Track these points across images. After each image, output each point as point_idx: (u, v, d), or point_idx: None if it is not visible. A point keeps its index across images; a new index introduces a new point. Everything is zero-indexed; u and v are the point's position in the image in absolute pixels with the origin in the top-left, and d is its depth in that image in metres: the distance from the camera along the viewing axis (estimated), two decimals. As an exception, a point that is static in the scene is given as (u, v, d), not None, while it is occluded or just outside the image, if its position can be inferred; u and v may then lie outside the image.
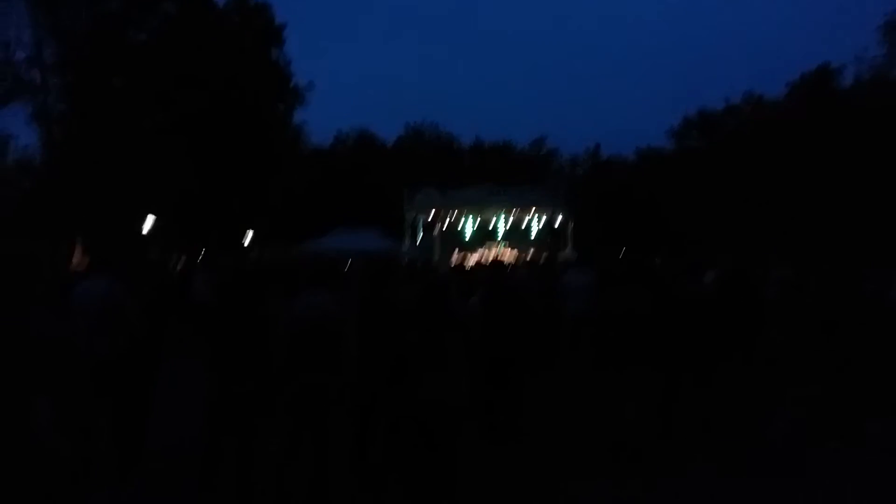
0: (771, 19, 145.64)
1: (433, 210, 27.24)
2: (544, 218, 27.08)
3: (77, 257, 21.20)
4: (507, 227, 27.10)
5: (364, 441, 5.43)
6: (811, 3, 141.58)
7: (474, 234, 27.28)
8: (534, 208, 26.68)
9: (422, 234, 28.75)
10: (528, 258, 21.81)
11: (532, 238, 27.16)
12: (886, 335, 8.52)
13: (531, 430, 6.56)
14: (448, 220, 28.27)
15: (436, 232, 27.86)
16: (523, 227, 27.68)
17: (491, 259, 19.52)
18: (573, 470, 5.79)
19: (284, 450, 4.89)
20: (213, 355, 4.89)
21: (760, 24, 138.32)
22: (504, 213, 26.82)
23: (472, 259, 22.21)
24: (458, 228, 27.80)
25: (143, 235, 25.06)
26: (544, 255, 22.24)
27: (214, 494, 4.76)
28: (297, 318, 4.90)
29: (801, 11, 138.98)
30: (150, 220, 25.24)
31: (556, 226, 26.76)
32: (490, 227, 27.56)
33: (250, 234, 33.49)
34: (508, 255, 23.67)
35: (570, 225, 26.21)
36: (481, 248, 25.60)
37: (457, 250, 25.44)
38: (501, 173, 40.65)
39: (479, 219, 27.55)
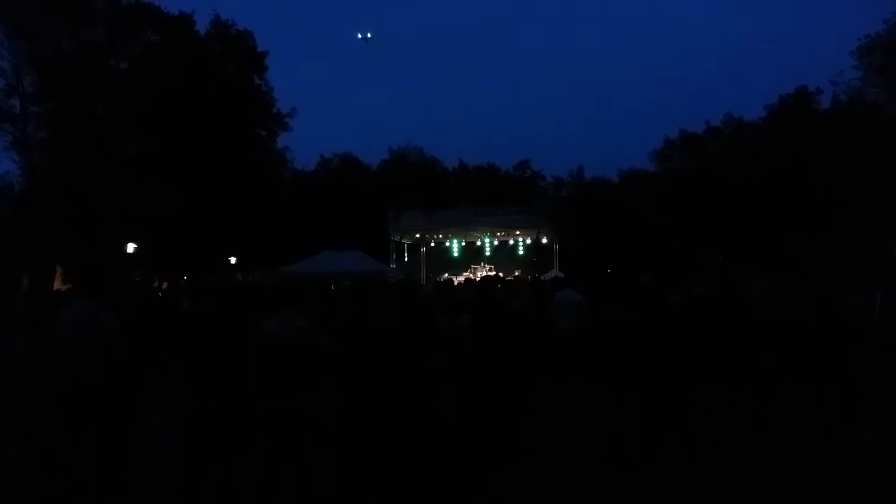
0: (749, 43, 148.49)
1: (418, 232, 27.23)
2: (529, 239, 27.14)
3: (58, 282, 20.94)
4: (493, 249, 27.11)
5: (351, 465, 5.33)
6: (787, 28, 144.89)
7: (459, 255, 27.25)
8: (519, 230, 26.74)
9: (407, 256, 28.69)
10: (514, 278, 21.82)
11: (517, 259, 27.19)
12: (869, 349, 8.54)
13: (524, 447, 6.49)
14: (433, 241, 28.26)
15: (421, 254, 27.82)
16: (508, 248, 27.72)
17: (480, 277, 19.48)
18: (565, 486, 5.73)
19: (261, 477, 4.74)
20: (187, 373, 4.79)
21: (739, 47, 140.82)
22: (489, 235, 26.84)
23: (458, 281, 22.16)
24: (443, 250, 27.78)
25: (126, 260, 24.82)
26: (531, 276, 22.24)
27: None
28: (267, 336, 4.75)
29: (778, 35, 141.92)
30: (131, 245, 25.06)
31: (542, 247, 26.82)
32: (475, 249, 27.57)
33: (234, 258, 33.32)
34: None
35: (556, 246, 26.28)
36: (466, 269, 25.57)
37: (445, 273, 25.39)
38: (486, 195, 40.73)
39: (463, 240, 27.55)
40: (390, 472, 5.15)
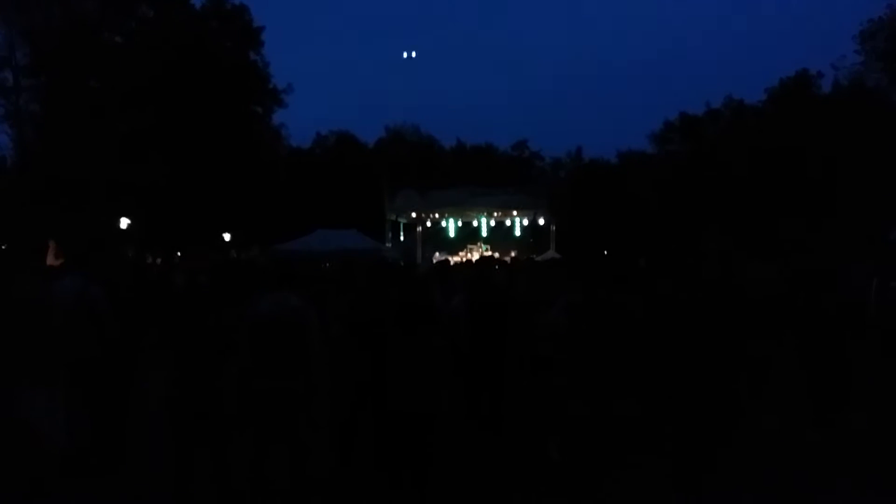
0: (750, 26, 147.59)
1: (414, 212, 27.05)
2: (526, 220, 27.00)
3: (50, 257, 20.78)
4: (489, 229, 26.97)
5: (348, 447, 5.28)
6: (789, 11, 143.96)
7: (456, 235, 27.11)
8: (516, 210, 26.59)
9: (403, 235, 28.56)
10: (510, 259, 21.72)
11: (514, 240, 27.08)
12: (866, 332, 8.50)
13: (519, 432, 6.44)
14: (429, 221, 28.11)
15: (417, 234, 27.69)
16: (505, 229, 27.59)
17: (476, 258, 19.38)
18: (561, 474, 5.69)
19: (254, 458, 4.70)
20: (177, 350, 4.70)
21: (740, 30, 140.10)
22: (486, 216, 26.67)
23: (454, 261, 22.06)
24: (440, 230, 27.64)
25: (119, 235, 24.69)
26: (526, 257, 22.18)
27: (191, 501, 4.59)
28: (259, 316, 4.68)
29: (780, 19, 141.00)
30: (124, 220, 24.90)
31: (539, 228, 26.69)
32: (471, 229, 27.42)
33: (228, 235, 33.18)
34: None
35: (553, 227, 26.15)
36: (463, 250, 25.47)
37: (438, 252, 25.28)
38: (483, 175, 40.54)
39: (460, 221, 27.39)
40: (386, 455, 5.10)
